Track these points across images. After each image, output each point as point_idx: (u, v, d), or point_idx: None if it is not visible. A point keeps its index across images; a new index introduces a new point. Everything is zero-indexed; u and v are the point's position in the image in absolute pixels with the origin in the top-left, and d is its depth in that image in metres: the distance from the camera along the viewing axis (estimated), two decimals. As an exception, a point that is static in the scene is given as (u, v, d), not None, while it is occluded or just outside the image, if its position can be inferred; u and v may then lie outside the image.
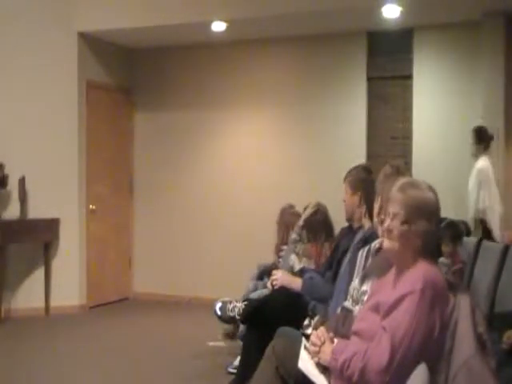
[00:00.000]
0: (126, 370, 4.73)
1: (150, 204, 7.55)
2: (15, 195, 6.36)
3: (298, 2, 5.95)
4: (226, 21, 6.31)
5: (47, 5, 6.62)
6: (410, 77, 6.48)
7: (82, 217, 6.83)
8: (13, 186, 6.33)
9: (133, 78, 7.63)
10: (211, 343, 5.35)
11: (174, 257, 7.41)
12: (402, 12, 5.87)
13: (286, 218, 5.44)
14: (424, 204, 2.26)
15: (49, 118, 6.63)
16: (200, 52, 7.32)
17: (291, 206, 5.57)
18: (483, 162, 5.52)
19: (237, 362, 4.25)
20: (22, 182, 6.29)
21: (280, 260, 5.36)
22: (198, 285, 7.15)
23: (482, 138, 5.57)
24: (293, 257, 4.62)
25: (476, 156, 5.59)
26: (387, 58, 6.59)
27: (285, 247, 5.72)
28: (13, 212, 6.36)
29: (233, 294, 4.80)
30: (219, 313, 4.35)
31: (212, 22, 6.33)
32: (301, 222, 4.74)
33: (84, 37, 6.81)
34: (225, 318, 4.34)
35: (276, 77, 7.04)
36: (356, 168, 3.73)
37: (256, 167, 7.06)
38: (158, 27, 6.49)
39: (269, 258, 5.51)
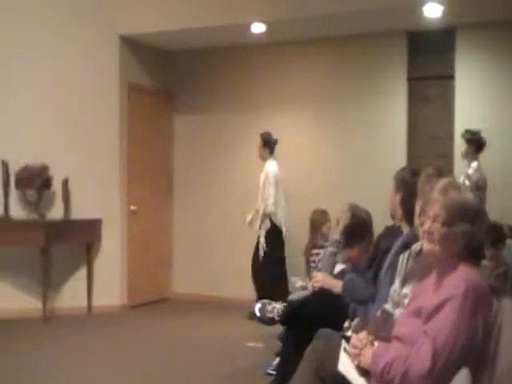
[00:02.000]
0: (164, 370, 4.77)
1: (190, 205, 7.60)
2: (59, 196, 6.48)
3: (336, 2, 5.92)
4: (265, 22, 6.32)
5: (90, 9, 6.73)
6: (452, 77, 6.39)
7: (123, 217, 6.92)
8: (57, 187, 6.45)
9: (173, 81, 7.70)
10: (250, 344, 5.37)
11: (213, 257, 7.44)
12: (443, 11, 5.78)
13: (316, 220, 5.53)
14: (464, 206, 2.24)
15: (91, 121, 6.74)
16: (239, 54, 7.34)
17: (324, 212, 5.65)
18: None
19: (275, 362, 4.26)
20: (65, 183, 6.41)
21: (314, 261, 5.39)
22: (237, 285, 7.16)
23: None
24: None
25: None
26: (428, 58, 6.51)
27: (315, 251, 5.73)
28: (56, 213, 6.49)
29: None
30: (258, 314, 4.35)
31: (251, 23, 6.35)
32: (338, 235, 4.73)
33: (125, 40, 6.91)
34: (264, 319, 4.34)
35: (315, 78, 7.02)
36: (404, 169, 3.70)
37: (293, 169, 7.04)
38: (198, 29, 6.53)
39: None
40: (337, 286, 3.80)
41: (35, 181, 6.25)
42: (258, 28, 6.43)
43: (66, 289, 6.63)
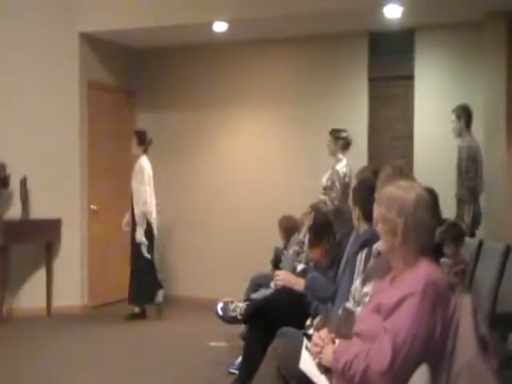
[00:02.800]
0: (124, 371, 4.73)
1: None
2: (17, 195, 6.37)
3: (299, 2, 5.95)
4: (227, 21, 6.32)
5: (49, 5, 6.62)
6: (411, 77, 6.48)
7: (83, 217, 6.83)
8: (14, 186, 6.33)
9: (135, 79, 7.63)
10: (212, 343, 5.36)
11: (178, 257, 7.41)
12: (403, 12, 5.86)
13: (285, 225, 5.60)
14: (404, 202, 2.26)
15: (50, 119, 6.64)
16: (202, 52, 7.33)
17: (289, 217, 5.71)
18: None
19: (238, 361, 4.26)
20: (23, 182, 6.30)
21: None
22: (202, 284, 7.15)
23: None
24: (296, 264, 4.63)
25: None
26: (389, 59, 6.59)
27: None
28: (14, 212, 6.37)
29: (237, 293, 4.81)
30: (221, 313, 4.35)
31: (213, 22, 6.34)
32: (301, 235, 4.79)
33: (85, 37, 6.81)
34: (226, 318, 4.34)
35: (277, 77, 7.05)
36: (365, 168, 3.73)
37: (256, 168, 7.07)
38: (160, 27, 6.49)
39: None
40: (299, 283, 3.82)
41: None
42: (220, 27, 6.42)
43: (25, 289, 6.53)
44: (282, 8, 6.01)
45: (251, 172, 7.13)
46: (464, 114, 5.52)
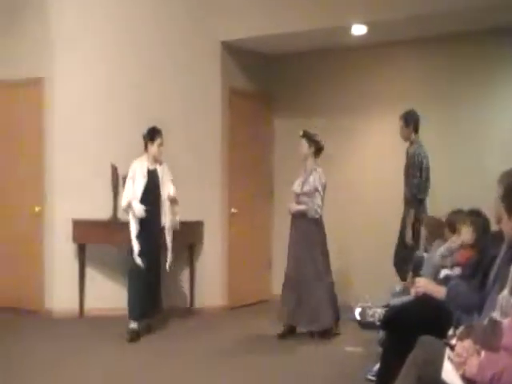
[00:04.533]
0: (259, 372, 4.81)
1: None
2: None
3: (438, 1, 5.74)
4: (366, 23, 6.24)
5: (192, 17, 6.93)
6: None
7: (223, 220, 7.05)
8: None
9: (272, 84, 7.76)
10: (349, 348, 5.31)
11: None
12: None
13: (432, 226, 5.38)
14: None
15: (194, 125, 6.92)
16: (338, 57, 7.30)
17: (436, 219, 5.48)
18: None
19: (376, 368, 4.18)
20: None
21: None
22: (339, 288, 7.10)
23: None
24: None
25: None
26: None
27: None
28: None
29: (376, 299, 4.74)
30: (358, 318, 4.31)
31: (352, 25, 6.29)
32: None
33: (226, 46, 7.05)
34: (364, 324, 4.29)
35: (418, 79, 6.85)
36: (507, 174, 3.51)
37: (395, 172, 6.92)
38: (298, 33, 6.55)
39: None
40: (439, 292, 3.68)
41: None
42: (358, 30, 6.36)
43: (169, 290, 6.81)
44: (425, 7, 5.81)
45: (389, 175, 6.98)
46: (412, 120, 5.71)
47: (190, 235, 6.77)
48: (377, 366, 4.13)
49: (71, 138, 6.62)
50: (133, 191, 5.67)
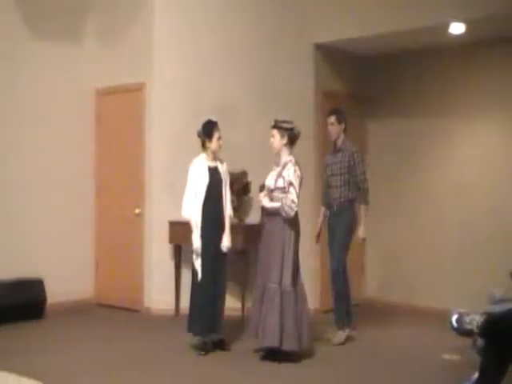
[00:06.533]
0: (352, 379, 4.77)
1: (383, 210, 7.51)
2: (256, 202, 6.74)
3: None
4: (465, 21, 6.04)
5: (286, 19, 6.98)
6: None
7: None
8: (255, 192, 6.71)
9: (365, 86, 7.68)
10: (446, 356, 5.16)
11: (408, 264, 7.30)
12: None
13: None
14: None
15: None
16: (434, 57, 7.12)
17: None
18: None
19: (474, 377, 4.04)
20: (262, 188, 6.65)
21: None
22: (434, 293, 6.94)
23: None
24: None
25: None
26: None
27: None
28: (255, 218, 6.75)
29: (473, 305, 4.58)
30: (455, 325, 4.18)
31: (450, 23, 6.12)
32: None
33: (319, 48, 7.05)
34: (461, 331, 4.16)
35: None
36: None
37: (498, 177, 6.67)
38: (392, 33, 6.44)
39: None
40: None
41: (235, 186, 6.57)
42: (456, 28, 6.17)
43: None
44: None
45: (490, 180, 6.74)
46: (343, 117, 5.85)
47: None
48: (475, 375, 3.99)
49: (170, 142, 6.82)
50: (193, 197, 5.25)
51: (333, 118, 5.89)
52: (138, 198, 6.96)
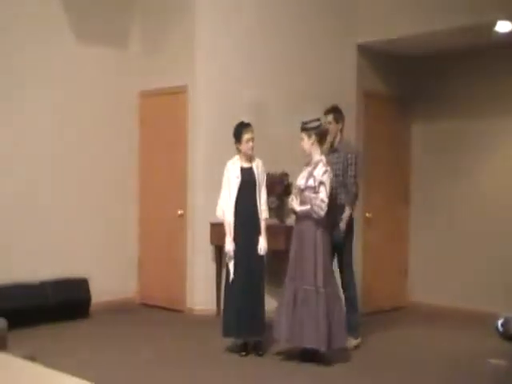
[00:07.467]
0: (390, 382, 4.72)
1: (427, 214, 7.43)
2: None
3: None
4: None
5: (329, 19, 6.99)
6: None
7: (358, 225, 6.97)
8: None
9: (408, 87, 7.60)
10: (493, 360, 5.05)
11: (453, 268, 7.20)
12: None
13: None
14: None
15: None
16: (478, 57, 7.00)
17: None
18: None
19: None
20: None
21: None
22: (479, 297, 6.81)
23: None
24: None
25: None
26: None
27: None
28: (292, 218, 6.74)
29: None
30: (501, 329, 4.09)
31: (496, 21, 5.99)
32: None
33: (362, 48, 7.02)
34: (507, 335, 4.06)
35: None
36: None
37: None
38: (435, 33, 6.36)
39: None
40: None
41: (276, 188, 6.59)
42: (503, 27, 6.04)
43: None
44: None
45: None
46: (341, 117, 5.57)
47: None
48: (522, 380, 3.90)
49: (212, 143, 6.86)
50: (227, 198, 5.27)
51: (330, 117, 5.62)
52: (180, 199, 7.02)
